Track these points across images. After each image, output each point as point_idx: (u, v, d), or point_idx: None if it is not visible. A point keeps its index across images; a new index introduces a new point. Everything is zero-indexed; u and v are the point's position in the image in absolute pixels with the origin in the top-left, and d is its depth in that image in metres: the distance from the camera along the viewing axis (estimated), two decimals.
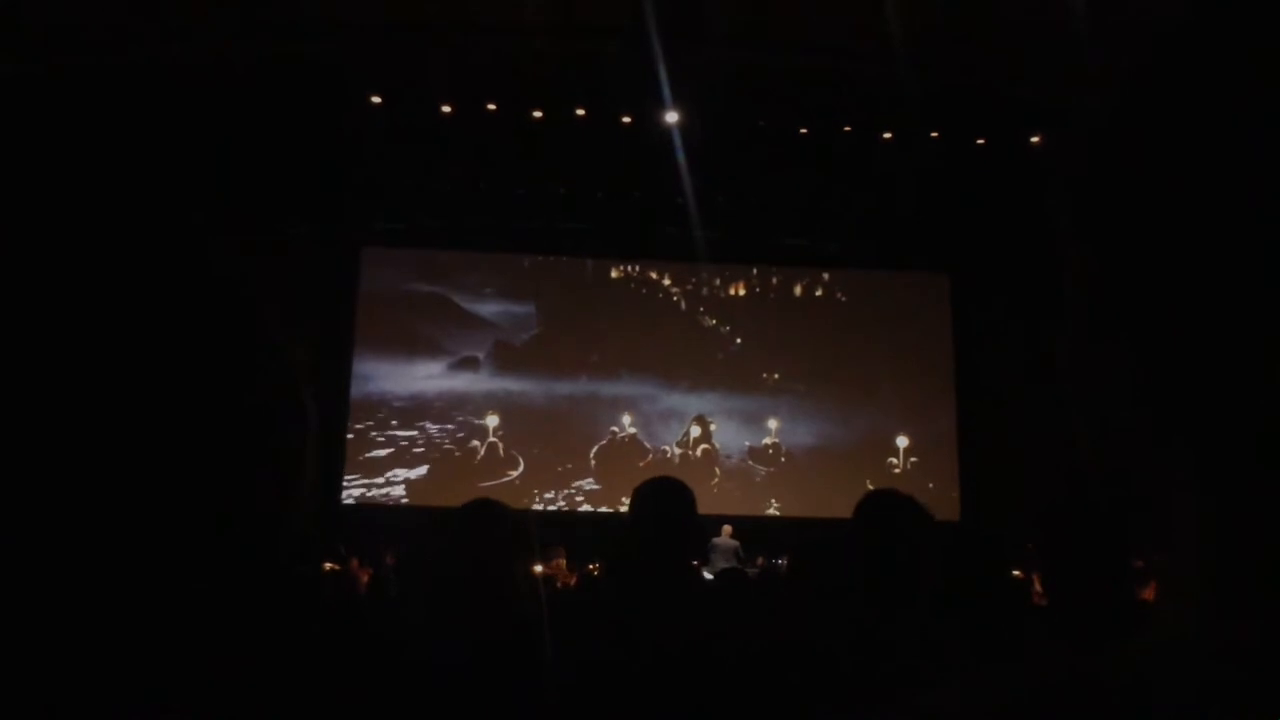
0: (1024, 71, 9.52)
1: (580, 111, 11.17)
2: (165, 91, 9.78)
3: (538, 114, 11.20)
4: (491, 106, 11.09)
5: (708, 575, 7.08)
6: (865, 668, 1.76)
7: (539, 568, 9.12)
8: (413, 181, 12.06)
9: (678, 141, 11.05)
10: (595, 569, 9.05)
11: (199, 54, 9.63)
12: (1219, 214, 0.44)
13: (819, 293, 13.48)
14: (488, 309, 13.00)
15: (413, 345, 12.70)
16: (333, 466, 12.46)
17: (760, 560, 10.40)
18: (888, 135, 11.56)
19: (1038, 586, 4.45)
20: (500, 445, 12.60)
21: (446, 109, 11.08)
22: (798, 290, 13.47)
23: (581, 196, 12.45)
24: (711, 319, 13.30)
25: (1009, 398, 12.19)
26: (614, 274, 13.33)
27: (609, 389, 12.83)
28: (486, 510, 2.25)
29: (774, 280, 13.45)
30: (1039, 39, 8.54)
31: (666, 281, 13.35)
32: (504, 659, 2.01)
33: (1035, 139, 11.32)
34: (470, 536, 2.15)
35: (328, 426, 12.43)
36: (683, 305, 13.33)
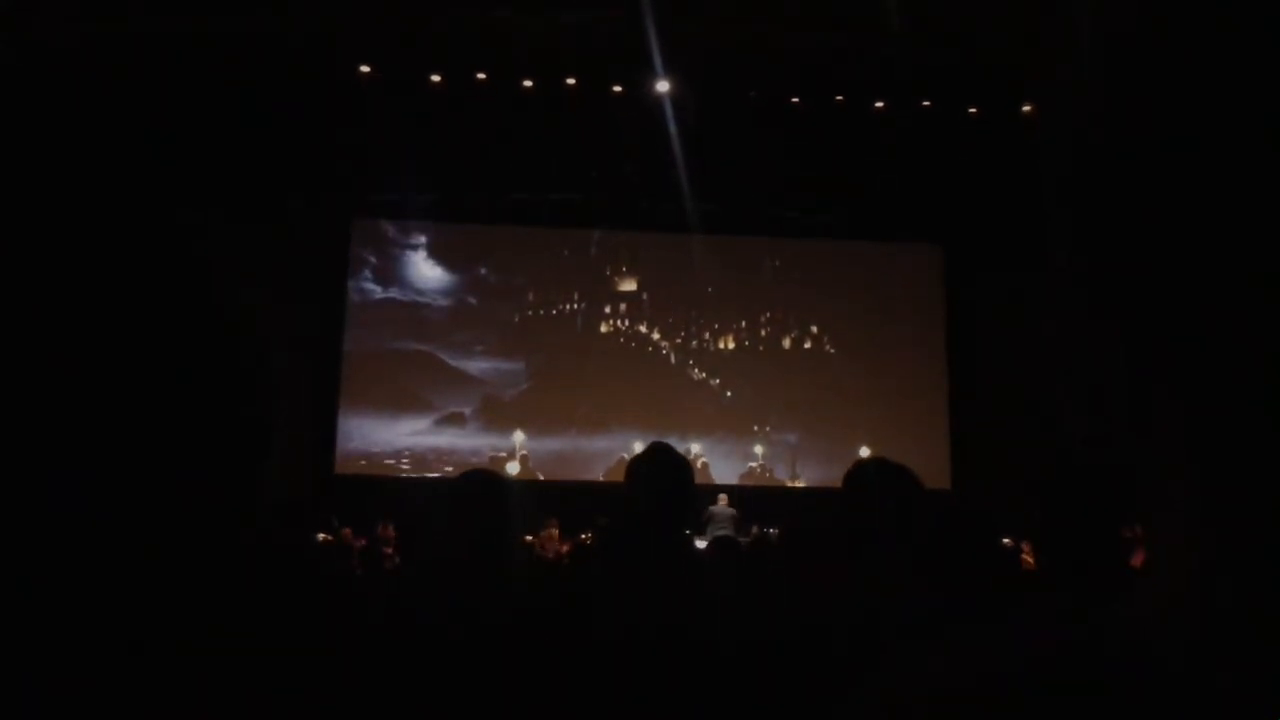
0: (1017, 41, 9.48)
1: (571, 81, 11.10)
2: (152, 64, 9.69)
3: (528, 83, 11.13)
4: (481, 76, 11.02)
5: (701, 544, 7.11)
6: (857, 635, 1.78)
7: (530, 538, 9.19)
8: (401, 151, 11.98)
9: (669, 112, 10.99)
10: (587, 538, 9.10)
11: (187, 25, 9.53)
12: (1211, 193, 0.45)
13: (808, 345, 13.56)
14: (477, 365, 13.11)
15: (399, 402, 12.78)
16: (327, 436, 12.46)
17: (755, 529, 10.48)
18: (880, 105, 11.52)
19: (1026, 555, 4.50)
20: (529, 458, 12.72)
21: (436, 78, 11.01)
22: (786, 343, 13.56)
23: (572, 167, 12.39)
24: (701, 372, 13.42)
25: (1001, 368, 12.25)
26: (603, 328, 13.42)
27: (600, 442, 12.92)
28: (483, 481, 2.27)
29: (763, 332, 13.56)
30: (1032, 8, 8.50)
31: (656, 335, 13.49)
32: (498, 629, 2.03)
33: (1027, 108, 11.29)
34: (466, 507, 2.17)
35: (321, 396, 12.43)
36: (672, 359, 13.45)
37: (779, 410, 13.19)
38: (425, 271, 13.19)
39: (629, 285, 13.49)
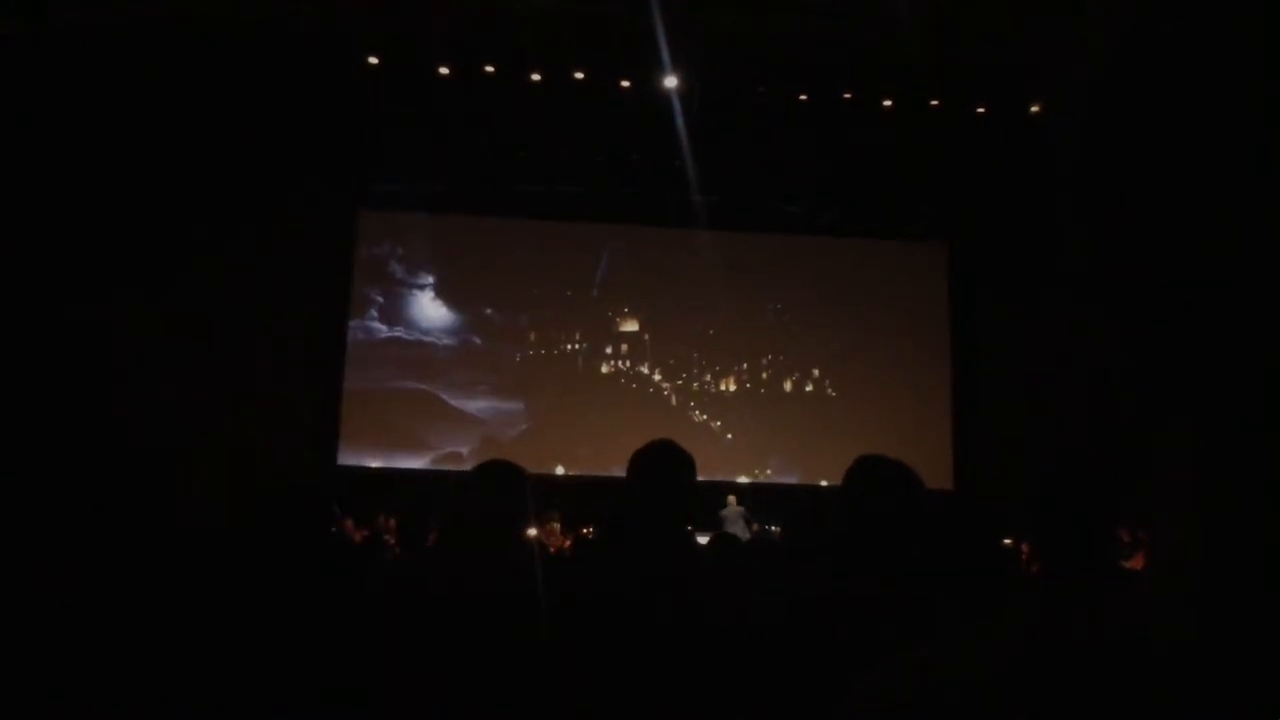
0: (1025, 40, 9.47)
1: (579, 75, 11.10)
2: (156, 52, 9.69)
3: (536, 77, 11.12)
4: (489, 69, 11.02)
5: (702, 540, 7.12)
6: (855, 631, 1.78)
7: (533, 531, 9.19)
8: (408, 143, 11.99)
9: (677, 107, 10.98)
10: (589, 533, 9.11)
11: (191, 10, 9.53)
12: (1221, 192, 0.45)
13: (809, 388, 13.54)
14: (477, 405, 13.09)
15: (397, 441, 12.77)
16: (328, 427, 12.47)
17: (755, 527, 10.50)
18: (888, 103, 11.51)
19: (1025, 555, 4.50)
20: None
21: (444, 71, 11.01)
22: (788, 386, 13.54)
23: (579, 160, 12.40)
24: (702, 414, 13.40)
25: (1006, 367, 12.24)
26: (604, 369, 13.39)
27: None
28: (500, 472, 2.27)
29: (764, 375, 13.53)
30: (1041, 6, 8.48)
31: (657, 377, 13.45)
32: (500, 620, 2.04)
33: (1035, 108, 11.28)
34: (482, 496, 2.18)
35: (324, 383, 12.46)
36: (673, 400, 13.41)
37: (780, 453, 13.17)
38: (430, 312, 13.20)
39: (630, 325, 13.48)
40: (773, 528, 10.33)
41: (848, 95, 11.46)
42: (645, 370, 13.45)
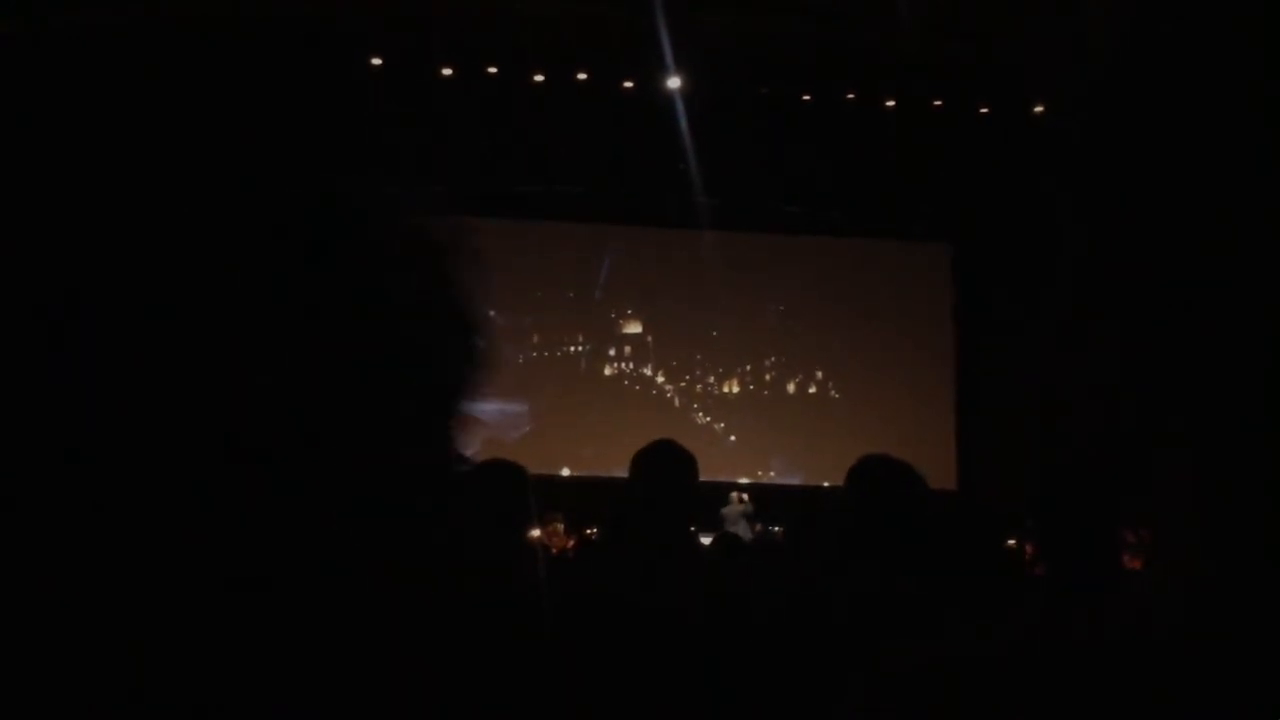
0: (1025, 40, 9.47)
1: (582, 76, 11.10)
2: (156, 52, 9.69)
3: (538, 78, 11.13)
4: (491, 70, 11.03)
5: (705, 540, 7.11)
6: (856, 634, 1.79)
7: (536, 532, 9.19)
8: (411, 144, 11.99)
9: (680, 107, 11.00)
10: (593, 534, 9.11)
11: (189, 11, 9.54)
12: (1223, 194, 0.45)
13: (812, 390, 13.52)
14: (479, 407, 13.00)
15: None
16: None
17: (757, 527, 10.49)
18: (890, 103, 11.51)
19: (1029, 555, 4.50)
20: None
21: (446, 72, 11.02)
22: (791, 387, 13.52)
23: (581, 161, 12.40)
24: (705, 415, 13.39)
25: (1008, 367, 12.23)
26: (608, 371, 13.40)
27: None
28: (500, 472, 2.28)
29: (767, 376, 13.52)
30: (1041, 6, 8.47)
31: (660, 379, 13.45)
32: (501, 621, 2.04)
33: (1036, 108, 11.28)
34: (482, 496, 2.18)
35: None
36: (676, 402, 13.41)
37: (783, 454, 13.16)
38: None
39: (633, 327, 13.47)
40: (775, 529, 10.32)
41: (849, 95, 11.47)
42: (648, 372, 13.43)
